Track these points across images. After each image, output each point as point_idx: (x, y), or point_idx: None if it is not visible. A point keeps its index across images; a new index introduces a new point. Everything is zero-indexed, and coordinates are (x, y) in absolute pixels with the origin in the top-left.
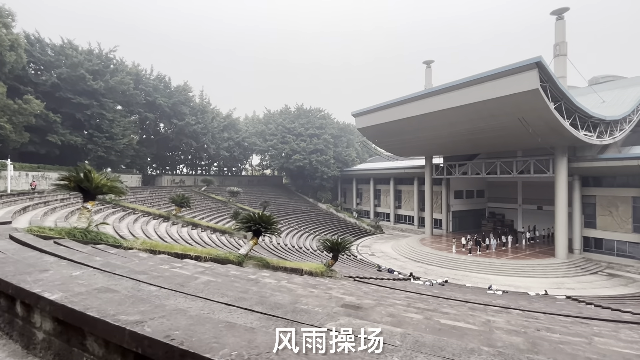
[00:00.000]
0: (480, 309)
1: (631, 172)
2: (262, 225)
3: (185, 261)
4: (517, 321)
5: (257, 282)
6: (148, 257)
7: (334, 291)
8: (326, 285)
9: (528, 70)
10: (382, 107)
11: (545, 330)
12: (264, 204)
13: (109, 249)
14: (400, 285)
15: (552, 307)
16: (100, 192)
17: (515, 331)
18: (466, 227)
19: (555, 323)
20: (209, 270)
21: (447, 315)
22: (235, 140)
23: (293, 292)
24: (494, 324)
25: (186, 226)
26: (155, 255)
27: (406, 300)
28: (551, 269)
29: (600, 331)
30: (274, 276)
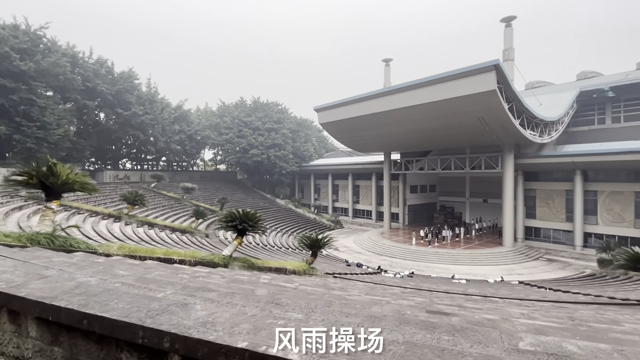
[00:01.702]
0: (493, 302)
1: (565, 168)
2: (247, 223)
3: (190, 268)
4: (535, 313)
5: (294, 288)
6: (155, 265)
7: (353, 292)
8: (337, 285)
9: (487, 72)
10: (345, 103)
11: (573, 320)
12: (222, 201)
13: (92, 258)
14: (378, 279)
15: (524, 293)
16: (68, 190)
17: (560, 327)
18: (421, 220)
19: (556, 310)
20: (229, 276)
21: (480, 310)
22: (187, 133)
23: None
24: (524, 318)
25: (141, 226)
26: (143, 261)
27: (412, 295)
28: (501, 256)
29: (600, 313)
30: (282, 279)
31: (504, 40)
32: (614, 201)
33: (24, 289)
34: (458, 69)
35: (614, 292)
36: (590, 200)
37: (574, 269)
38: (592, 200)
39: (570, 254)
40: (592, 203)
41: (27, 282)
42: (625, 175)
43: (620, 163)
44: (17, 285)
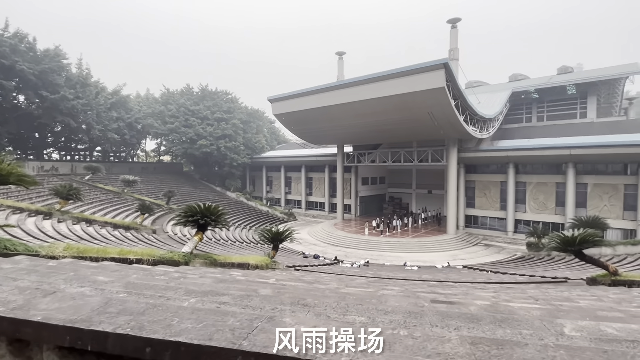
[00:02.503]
0: (464, 287)
1: (500, 162)
2: (209, 218)
3: (164, 269)
4: (506, 295)
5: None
6: (122, 268)
7: (351, 285)
8: (312, 278)
9: (437, 70)
10: (299, 94)
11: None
12: (169, 194)
13: (42, 262)
14: (338, 269)
15: (471, 276)
16: (4, 183)
17: (554, 309)
18: (371, 211)
19: (514, 291)
20: (210, 274)
21: (479, 296)
22: (126, 121)
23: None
24: (501, 299)
25: (77, 223)
26: (99, 262)
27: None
28: (446, 243)
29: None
30: (256, 274)
31: (449, 40)
32: (540, 191)
33: (35, 311)
34: (410, 66)
35: (543, 272)
36: (520, 191)
37: (507, 252)
38: (522, 191)
39: (504, 239)
40: (522, 193)
41: (32, 301)
42: (548, 168)
43: (543, 157)
44: (20, 307)
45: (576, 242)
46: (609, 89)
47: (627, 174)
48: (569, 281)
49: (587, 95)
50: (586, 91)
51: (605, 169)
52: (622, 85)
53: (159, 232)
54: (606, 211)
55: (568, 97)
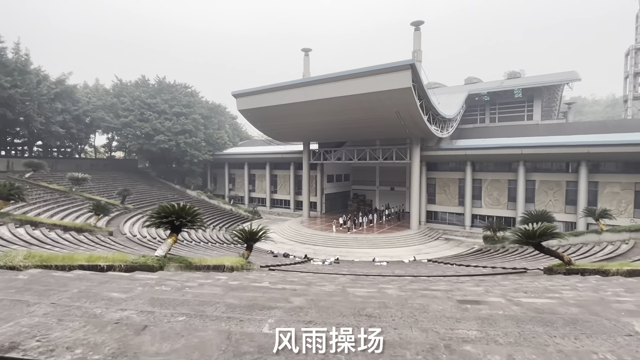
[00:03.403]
0: (452, 282)
1: (459, 160)
2: (184, 218)
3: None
4: (495, 289)
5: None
6: (112, 277)
7: (356, 288)
8: (299, 279)
9: (404, 70)
10: (266, 90)
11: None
12: (123, 193)
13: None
14: (312, 268)
15: (440, 270)
16: None
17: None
18: (336, 208)
19: (498, 282)
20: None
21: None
22: (72, 114)
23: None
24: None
25: (21, 226)
26: (70, 272)
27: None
28: (410, 238)
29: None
30: (243, 277)
31: (413, 42)
32: (494, 187)
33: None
34: (378, 65)
35: (502, 263)
36: (476, 187)
37: (466, 245)
38: (478, 187)
39: (462, 233)
40: (478, 189)
41: (127, 342)
42: (502, 166)
43: (498, 156)
44: (122, 353)
45: (536, 235)
46: (550, 94)
47: (569, 172)
48: (528, 271)
49: (533, 99)
50: (532, 95)
51: (550, 167)
52: (561, 91)
53: (116, 234)
54: (551, 205)
55: (517, 100)
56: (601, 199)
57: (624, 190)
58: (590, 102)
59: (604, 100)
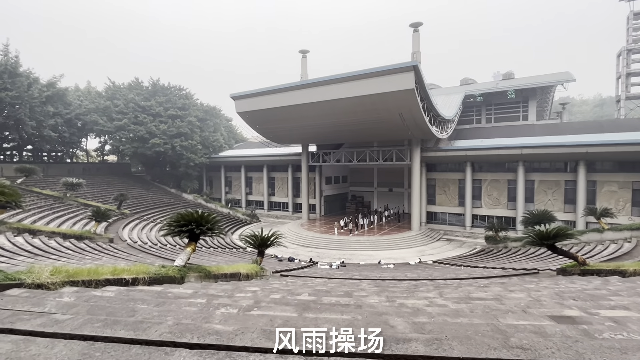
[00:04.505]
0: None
1: (459, 160)
2: (204, 226)
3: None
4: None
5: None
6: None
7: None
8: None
9: (407, 72)
10: (265, 92)
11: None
12: (120, 198)
13: (37, 295)
14: (323, 272)
15: (453, 272)
16: None
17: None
18: (334, 210)
19: (522, 286)
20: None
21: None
22: (64, 117)
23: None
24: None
25: (19, 234)
26: (102, 288)
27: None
28: (412, 240)
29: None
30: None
31: (412, 43)
32: (493, 188)
33: None
34: (381, 67)
35: (509, 264)
36: (476, 188)
37: (468, 246)
38: (477, 188)
39: (463, 234)
40: (478, 190)
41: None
42: (501, 166)
43: (498, 156)
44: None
45: (550, 236)
46: (542, 94)
47: (567, 171)
48: (540, 272)
49: (528, 99)
50: (527, 96)
51: (549, 166)
52: (553, 91)
53: (116, 241)
54: (550, 205)
55: (512, 101)
56: (600, 198)
57: (622, 189)
58: (578, 102)
59: (592, 100)
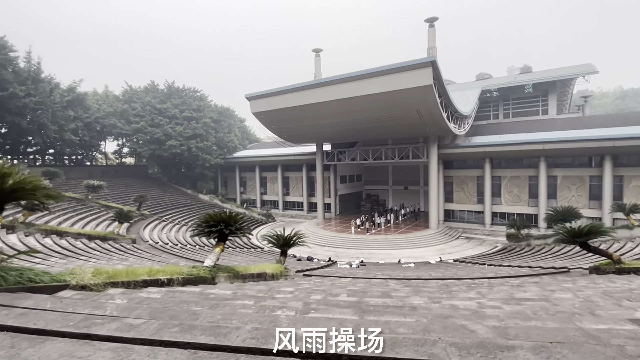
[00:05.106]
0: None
1: (477, 157)
2: (232, 226)
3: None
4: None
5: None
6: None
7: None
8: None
9: (425, 68)
10: (281, 92)
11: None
12: (140, 199)
13: (90, 297)
14: (346, 272)
15: (479, 272)
16: (18, 199)
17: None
18: (349, 209)
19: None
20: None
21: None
22: (84, 121)
23: None
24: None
25: (47, 236)
26: (143, 289)
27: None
28: (430, 238)
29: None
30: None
31: (427, 39)
32: (514, 184)
33: None
34: (398, 63)
35: (535, 262)
36: (495, 184)
37: (489, 244)
38: (497, 184)
39: (482, 232)
40: (497, 187)
41: None
42: (522, 162)
43: (519, 152)
44: None
45: (583, 233)
46: (562, 87)
47: (592, 166)
48: (571, 271)
49: (547, 93)
50: (547, 89)
51: (572, 162)
52: (573, 84)
53: (138, 241)
54: (574, 201)
55: (530, 95)
56: (627, 193)
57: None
58: (598, 95)
59: (612, 93)
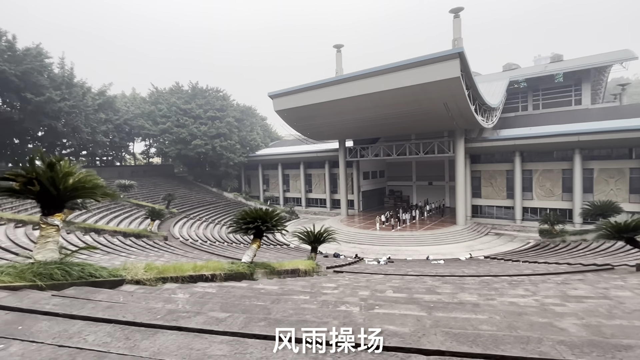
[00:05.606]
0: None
1: (507, 150)
2: (269, 223)
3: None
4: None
5: None
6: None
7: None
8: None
9: (452, 59)
10: (303, 89)
11: None
12: (169, 198)
13: (151, 292)
14: (375, 268)
15: (516, 269)
16: (77, 197)
17: None
18: (372, 205)
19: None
20: None
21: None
22: (114, 123)
23: None
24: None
25: (86, 233)
26: (194, 284)
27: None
28: (458, 234)
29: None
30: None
31: (453, 30)
32: (546, 178)
33: None
34: (424, 56)
35: (573, 259)
36: (526, 178)
37: (520, 240)
38: (528, 179)
39: (513, 227)
40: (528, 181)
41: None
42: (554, 155)
43: (551, 145)
44: None
45: (630, 228)
46: (596, 76)
47: (632, 158)
48: (615, 268)
49: (581, 82)
50: (580, 78)
51: (610, 153)
52: (608, 72)
53: (170, 238)
54: (612, 195)
55: (561, 85)
56: None
57: None
58: (635, 83)
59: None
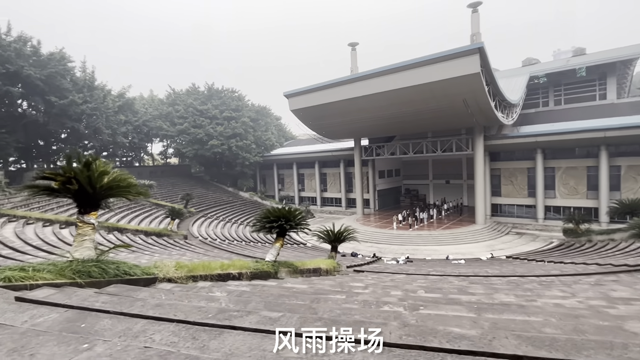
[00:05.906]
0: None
1: (528, 148)
2: (292, 222)
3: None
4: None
5: None
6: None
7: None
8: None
9: (471, 55)
10: (319, 88)
11: None
12: (187, 197)
13: (186, 290)
14: (396, 268)
15: (542, 269)
16: (112, 196)
17: None
18: (388, 204)
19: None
20: None
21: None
22: (133, 124)
23: None
24: None
25: (110, 232)
26: (224, 282)
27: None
28: (478, 234)
29: None
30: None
31: (471, 25)
32: (570, 176)
33: None
34: (442, 52)
35: (602, 260)
36: (549, 176)
37: (542, 240)
38: (550, 176)
39: (535, 227)
40: (551, 179)
41: None
42: (578, 152)
43: (576, 141)
44: None
45: None
46: (622, 69)
47: None
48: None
49: (606, 76)
50: (605, 72)
51: (638, 150)
52: (634, 66)
53: (189, 237)
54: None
55: (584, 79)
56: None
57: None
58: None
59: None
